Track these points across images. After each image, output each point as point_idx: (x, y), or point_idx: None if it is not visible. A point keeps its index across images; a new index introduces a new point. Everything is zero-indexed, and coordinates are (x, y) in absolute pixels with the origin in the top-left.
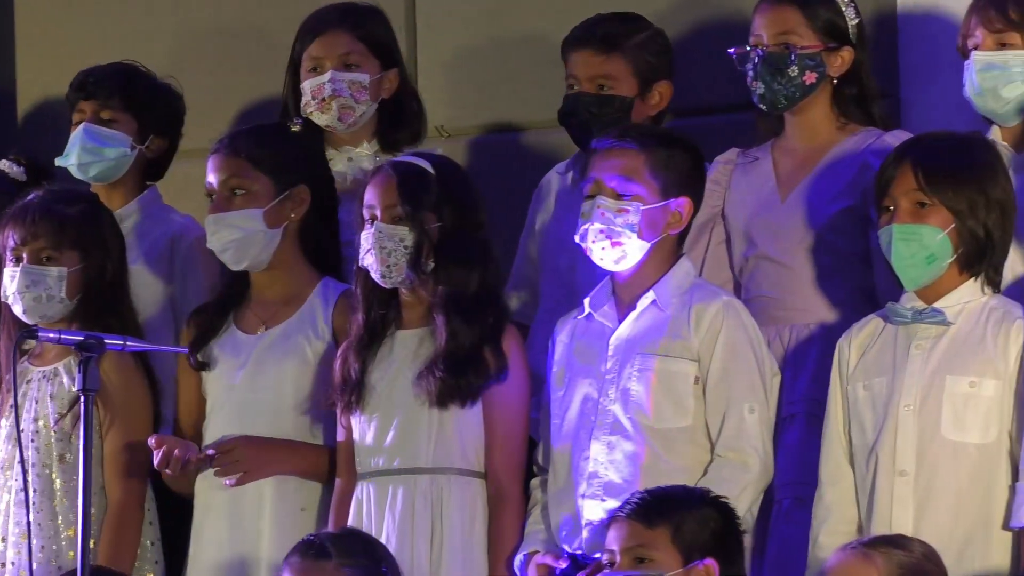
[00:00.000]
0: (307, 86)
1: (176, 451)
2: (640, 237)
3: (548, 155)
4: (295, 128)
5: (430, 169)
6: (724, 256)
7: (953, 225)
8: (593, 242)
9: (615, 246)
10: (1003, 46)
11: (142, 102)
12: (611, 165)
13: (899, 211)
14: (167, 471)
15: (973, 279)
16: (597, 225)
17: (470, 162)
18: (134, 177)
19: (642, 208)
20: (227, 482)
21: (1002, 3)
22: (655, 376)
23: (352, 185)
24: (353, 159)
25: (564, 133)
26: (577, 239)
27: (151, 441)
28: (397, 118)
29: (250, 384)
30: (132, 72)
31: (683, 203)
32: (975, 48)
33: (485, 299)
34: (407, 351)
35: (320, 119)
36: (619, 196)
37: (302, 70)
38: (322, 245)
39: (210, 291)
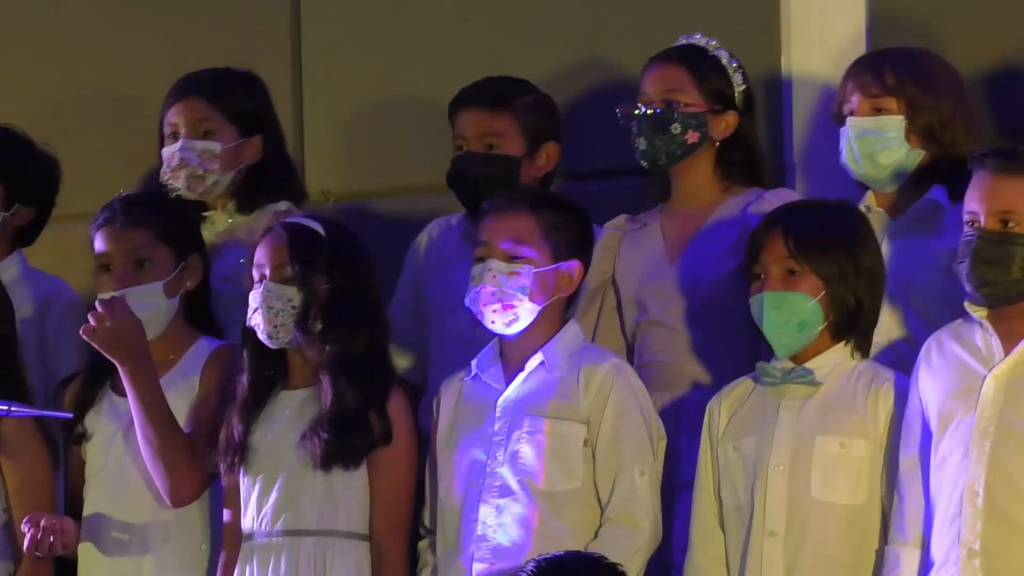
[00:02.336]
0: (165, 153)
1: (43, 535)
2: (531, 300)
3: (436, 218)
4: (176, 194)
5: (321, 230)
6: (616, 323)
7: (823, 292)
8: (484, 305)
9: (507, 309)
10: (879, 111)
11: (11, 168)
12: (503, 228)
13: (770, 278)
14: (37, 553)
15: (843, 344)
16: (489, 288)
17: (358, 225)
18: (2, 243)
19: (534, 271)
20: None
21: (878, 68)
22: (544, 438)
23: (210, 247)
24: (215, 224)
25: (452, 196)
26: (468, 302)
27: (24, 525)
28: (262, 185)
29: (126, 447)
30: (3, 136)
31: (574, 266)
32: (851, 114)
33: (372, 361)
34: (292, 412)
35: (173, 186)
36: (511, 259)
37: (164, 136)
38: (204, 307)
39: (82, 354)
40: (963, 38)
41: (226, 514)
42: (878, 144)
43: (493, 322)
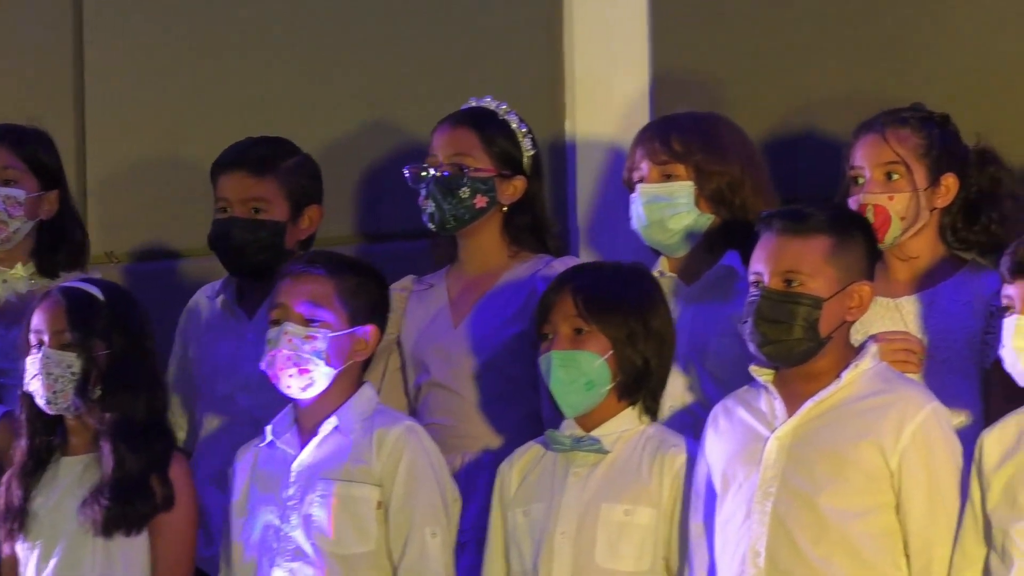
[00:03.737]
0: None
1: None
2: (327, 364)
3: (206, 282)
4: None
5: (100, 295)
6: (400, 383)
7: (611, 352)
8: (280, 370)
9: (303, 373)
10: (668, 178)
11: None
12: (300, 291)
13: (558, 337)
14: None
15: (631, 407)
16: (285, 352)
17: (139, 288)
18: None
19: (330, 335)
20: None
21: (666, 135)
22: (338, 501)
23: (5, 307)
24: (8, 281)
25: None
26: (263, 366)
27: None
28: (57, 242)
29: None
30: None
31: (369, 330)
32: (640, 180)
33: (153, 426)
34: (72, 478)
35: None
36: (307, 322)
37: None
38: None
39: None
40: (745, 100)
41: None
42: (668, 210)
43: (289, 387)
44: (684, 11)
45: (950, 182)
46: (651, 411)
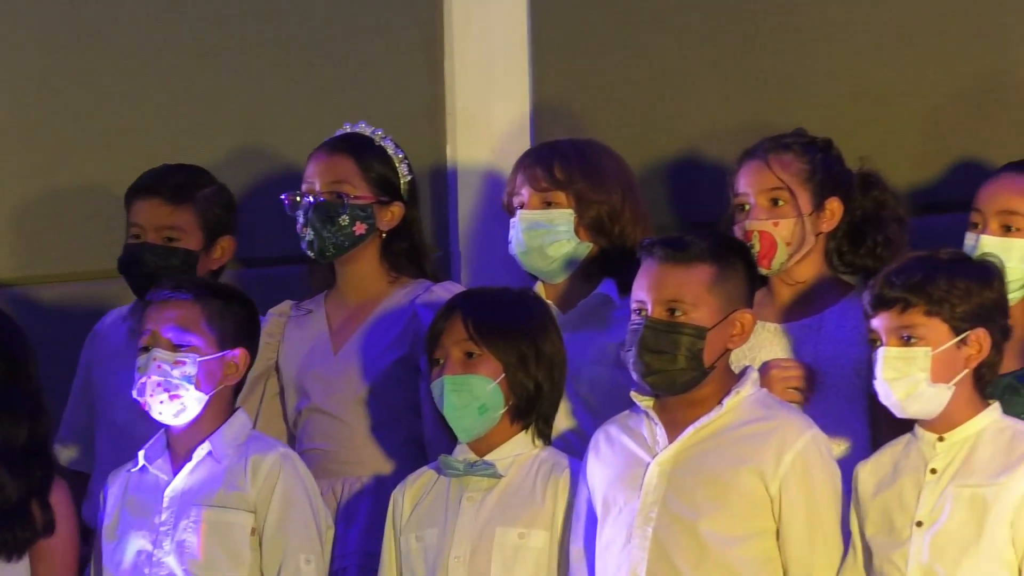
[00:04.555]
0: None
1: None
2: (198, 388)
3: (106, 305)
4: None
5: None
6: (278, 408)
7: (503, 376)
8: (151, 396)
9: (173, 399)
10: (548, 205)
11: None
12: (167, 316)
13: (450, 362)
14: None
15: (524, 431)
16: (155, 378)
17: (22, 312)
18: None
19: (199, 359)
20: None
21: (547, 162)
22: (211, 527)
23: None
24: None
25: (122, 283)
26: (135, 394)
27: None
28: None
29: None
30: None
31: (239, 354)
32: (521, 206)
33: (33, 452)
34: None
35: None
36: (176, 347)
37: None
38: None
39: None
40: (625, 128)
41: None
42: (548, 237)
43: (160, 413)
44: (564, 38)
45: (835, 206)
46: (544, 435)
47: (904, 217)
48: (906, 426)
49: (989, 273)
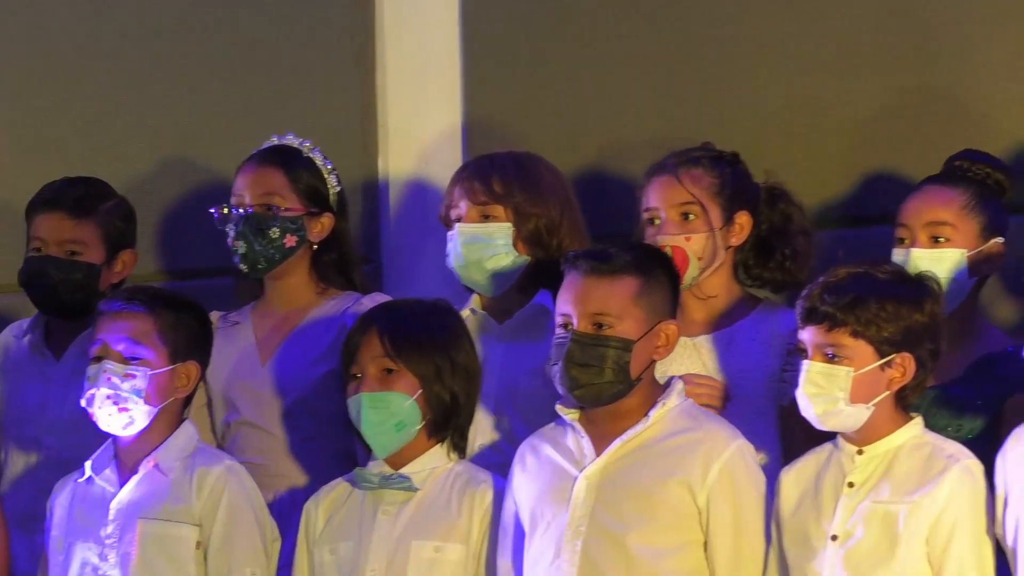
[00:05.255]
0: None
1: None
2: (147, 402)
3: (5, 319)
4: None
5: None
6: (207, 420)
7: (420, 391)
8: (99, 408)
9: (122, 411)
10: (486, 218)
11: None
12: (119, 328)
13: (367, 379)
14: None
15: (440, 445)
16: (104, 390)
17: None
18: None
19: (150, 373)
20: None
21: (486, 176)
22: (156, 541)
23: None
24: None
25: (22, 296)
26: (84, 403)
27: None
28: None
29: None
30: None
31: (190, 366)
32: (459, 219)
33: None
34: None
35: None
36: (126, 360)
37: None
38: None
39: None
40: (554, 141)
41: None
42: (486, 250)
43: (109, 425)
44: (495, 52)
45: (743, 220)
46: (459, 448)
47: (810, 230)
48: (818, 437)
49: (923, 295)
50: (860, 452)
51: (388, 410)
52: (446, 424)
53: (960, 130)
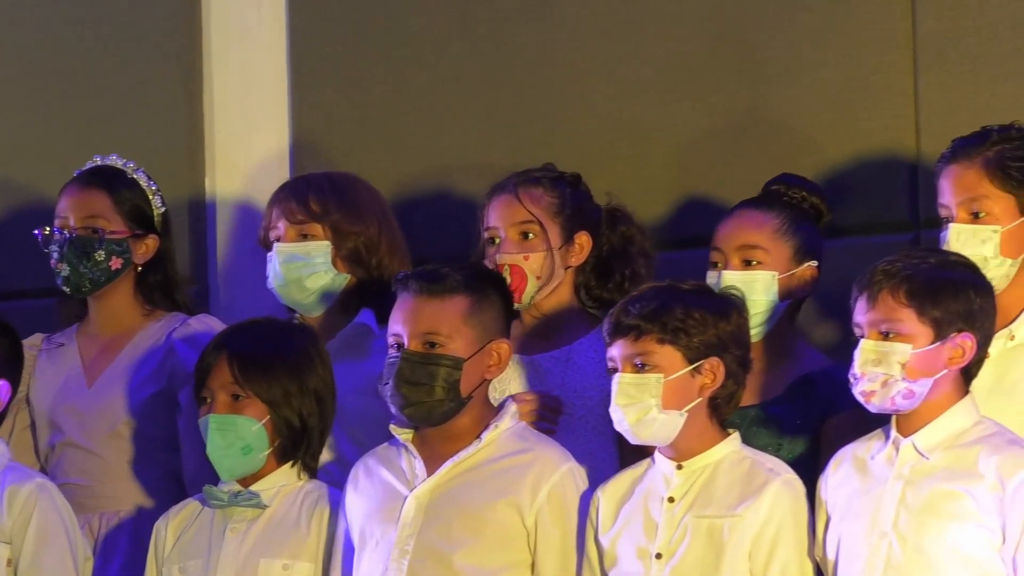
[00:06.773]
0: None
1: None
2: None
3: None
4: None
5: None
6: (30, 441)
7: (268, 416)
8: None
9: None
10: (305, 237)
11: None
12: None
13: (216, 402)
14: None
15: (291, 465)
16: None
17: None
18: None
19: None
20: None
21: (303, 195)
22: None
23: None
24: None
25: None
26: None
27: None
28: None
29: None
30: None
31: (1, 385)
32: (278, 240)
33: None
34: None
35: None
36: None
37: None
38: None
39: None
40: (383, 162)
41: None
42: (305, 269)
43: None
44: (323, 74)
45: (583, 240)
46: (310, 469)
47: (650, 252)
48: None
49: (728, 306)
50: (679, 467)
51: (235, 433)
52: (295, 449)
53: (782, 154)
